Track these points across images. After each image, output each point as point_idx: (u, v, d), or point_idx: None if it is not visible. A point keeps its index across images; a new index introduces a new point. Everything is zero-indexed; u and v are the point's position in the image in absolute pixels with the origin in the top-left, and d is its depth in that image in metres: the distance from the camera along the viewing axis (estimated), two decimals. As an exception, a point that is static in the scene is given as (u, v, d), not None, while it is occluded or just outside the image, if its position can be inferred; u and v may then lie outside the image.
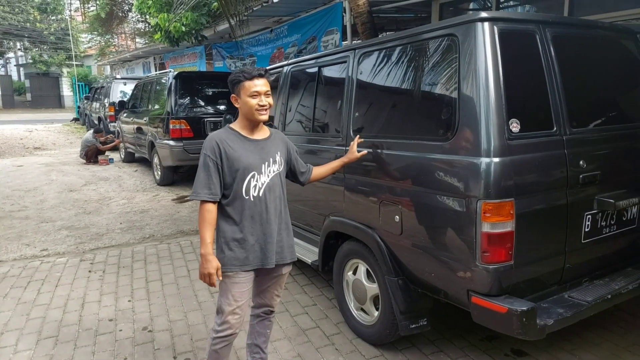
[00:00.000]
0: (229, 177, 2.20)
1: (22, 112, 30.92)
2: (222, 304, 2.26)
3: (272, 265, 2.27)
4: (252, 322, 2.51)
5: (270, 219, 2.26)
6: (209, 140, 2.22)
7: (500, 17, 2.27)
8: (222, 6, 7.04)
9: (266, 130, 2.37)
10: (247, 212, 2.22)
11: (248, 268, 2.24)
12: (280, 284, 2.44)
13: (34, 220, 6.10)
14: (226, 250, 2.22)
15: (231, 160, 2.19)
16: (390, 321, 2.75)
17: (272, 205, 2.27)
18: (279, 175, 2.32)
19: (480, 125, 2.12)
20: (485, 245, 2.08)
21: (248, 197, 2.21)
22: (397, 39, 2.73)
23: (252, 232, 2.23)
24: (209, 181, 2.16)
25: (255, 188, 2.23)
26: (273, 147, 2.33)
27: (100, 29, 22.10)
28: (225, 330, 2.26)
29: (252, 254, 2.23)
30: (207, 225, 2.16)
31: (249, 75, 2.20)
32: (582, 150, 2.35)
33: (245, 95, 2.20)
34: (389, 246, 2.66)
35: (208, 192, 2.16)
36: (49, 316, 3.48)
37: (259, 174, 2.24)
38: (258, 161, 2.24)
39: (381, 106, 2.86)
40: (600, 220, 2.44)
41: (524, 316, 2.00)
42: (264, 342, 2.52)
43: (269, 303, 2.46)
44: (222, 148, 2.18)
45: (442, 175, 2.28)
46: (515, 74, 2.24)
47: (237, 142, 2.23)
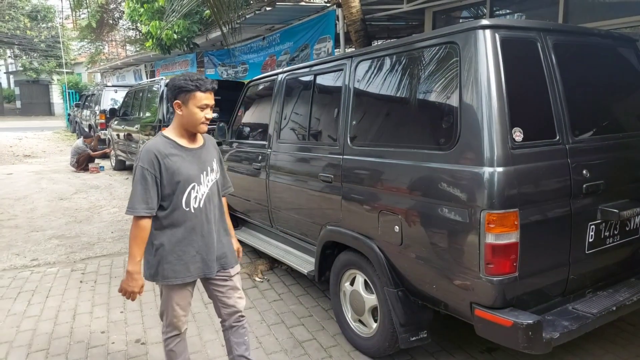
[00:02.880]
0: (168, 189, 2.14)
1: (12, 119, 30.59)
2: (165, 310, 2.29)
3: (213, 274, 2.28)
4: (227, 336, 2.47)
5: (211, 228, 2.25)
6: (146, 152, 2.12)
7: (502, 25, 2.25)
8: (214, 14, 7.00)
9: (201, 138, 2.33)
10: (188, 224, 2.18)
11: (189, 279, 2.23)
12: (236, 285, 2.42)
13: (24, 229, 5.97)
14: (166, 263, 2.18)
15: (170, 173, 2.12)
16: (389, 333, 2.69)
17: (212, 214, 2.27)
18: (216, 183, 2.32)
19: (483, 134, 2.09)
20: (489, 257, 2.04)
21: (188, 209, 2.18)
22: (396, 46, 2.70)
23: (193, 243, 2.20)
24: (147, 195, 2.08)
25: (196, 199, 2.20)
26: (209, 155, 2.31)
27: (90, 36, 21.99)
28: (172, 330, 2.32)
29: (193, 264, 2.22)
30: (139, 242, 2.11)
31: (203, 87, 2.14)
32: (585, 159, 2.32)
33: (194, 106, 2.14)
34: (389, 257, 2.61)
35: (145, 207, 2.09)
36: (39, 328, 3.38)
37: (199, 185, 2.21)
38: (197, 172, 2.21)
39: (379, 114, 2.82)
40: (604, 231, 2.41)
41: (530, 330, 1.96)
42: (246, 350, 2.47)
43: (235, 307, 2.41)
44: (161, 160, 2.11)
45: (443, 184, 2.24)
46: (517, 82, 2.21)
47: (175, 152, 2.17)
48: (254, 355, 2.95)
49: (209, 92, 2.17)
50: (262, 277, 4.29)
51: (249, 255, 4.88)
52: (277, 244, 4.19)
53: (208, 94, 2.17)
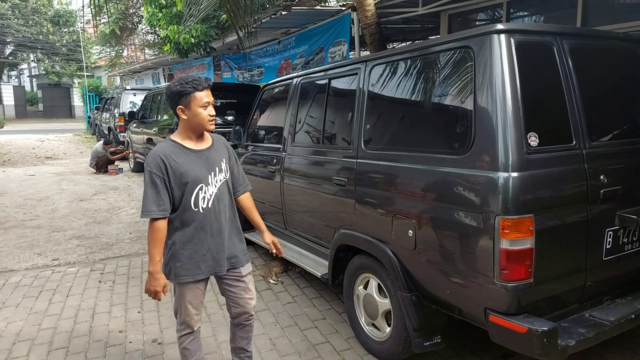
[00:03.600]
0: (177, 191, 2.20)
1: (35, 122, 31.29)
2: (179, 308, 2.35)
3: (224, 272, 2.34)
4: (234, 329, 2.57)
5: (221, 228, 2.30)
6: (152, 157, 2.19)
7: (517, 29, 2.23)
8: (230, 18, 7.07)
9: (209, 138, 2.37)
10: (197, 224, 2.24)
11: (200, 277, 2.30)
12: (247, 287, 2.46)
13: (45, 230, 6.11)
14: (178, 262, 2.26)
15: (178, 175, 2.18)
16: (402, 338, 2.69)
17: (222, 214, 2.31)
18: (226, 183, 2.36)
19: (498, 139, 2.08)
20: (504, 263, 2.02)
21: (197, 210, 2.24)
22: (410, 50, 2.70)
23: (203, 242, 2.26)
24: (158, 198, 2.15)
25: (204, 200, 2.25)
26: (217, 155, 2.34)
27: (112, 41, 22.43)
28: (186, 328, 2.37)
29: (204, 263, 2.29)
30: (157, 243, 2.17)
31: (200, 87, 2.19)
32: (602, 165, 2.29)
33: (197, 107, 2.19)
34: (402, 261, 2.61)
35: (158, 209, 2.15)
36: (60, 327, 3.46)
37: (207, 186, 2.26)
38: (204, 172, 2.25)
39: (393, 118, 2.82)
40: (622, 237, 2.37)
41: (545, 336, 1.94)
42: (247, 344, 2.59)
43: (245, 310, 2.48)
44: (167, 163, 2.17)
45: (457, 189, 2.24)
46: (533, 87, 2.20)
47: (182, 155, 2.22)
48: (267, 356, 3.01)
49: (206, 89, 2.22)
50: (277, 279, 4.31)
51: (263, 257, 4.92)
52: (291, 247, 4.22)
53: (206, 92, 2.21)
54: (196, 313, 2.36)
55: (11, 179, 9.95)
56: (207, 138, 2.36)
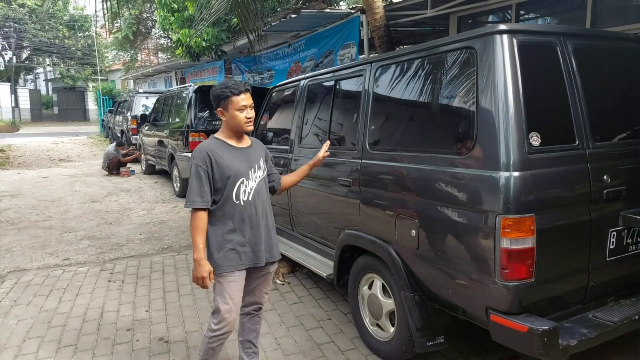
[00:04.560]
0: (219, 184, 2.33)
1: (50, 125, 31.79)
2: (219, 303, 2.37)
3: (263, 264, 2.42)
4: (242, 320, 2.64)
5: (259, 220, 2.41)
6: (198, 151, 2.34)
7: (520, 30, 2.24)
8: (241, 22, 7.15)
9: (248, 139, 2.52)
10: (239, 216, 2.36)
11: (242, 267, 2.38)
12: (268, 281, 2.59)
13: (57, 230, 6.22)
14: (221, 253, 2.35)
15: (222, 168, 2.32)
16: (406, 338, 2.69)
17: (261, 207, 2.43)
18: (264, 180, 2.49)
19: (499, 139, 2.08)
20: (504, 262, 2.03)
21: (239, 202, 2.36)
22: (414, 52, 2.71)
23: (244, 233, 2.37)
24: (202, 190, 2.28)
25: (245, 193, 2.37)
26: (256, 154, 2.49)
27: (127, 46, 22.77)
28: (223, 328, 2.38)
29: (245, 254, 2.38)
30: (199, 231, 2.29)
31: (237, 91, 2.33)
32: (606, 165, 2.29)
33: (234, 110, 2.34)
34: (405, 261, 2.62)
35: (201, 200, 2.28)
36: (69, 325, 3.52)
37: (247, 180, 2.39)
38: (246, 168, 2.39)
39: (397, 119, 2.84)
40: (626, 238, 2.36)
41: (545, 336, 1.93)
42: (255, 337, 2.66)
43: (258, 301, 2.61)
44: (212, 157, 2.31)
45: (459, 189, 2.24)
46: (535, 87, 2.20)
47: (225, 151, 2.37)
48: (272, 355, 3.03)
49: (244, 93, 2.35)
50: (283, 279, 4.34)
51: (271, 258, 4.94)
52: (298, 247, 4.24)
53: (244, 96, 2.35)
54: (236, 311, 2.40)
55: (25, 181, 10.14)
56: (247, 139, 2.51)
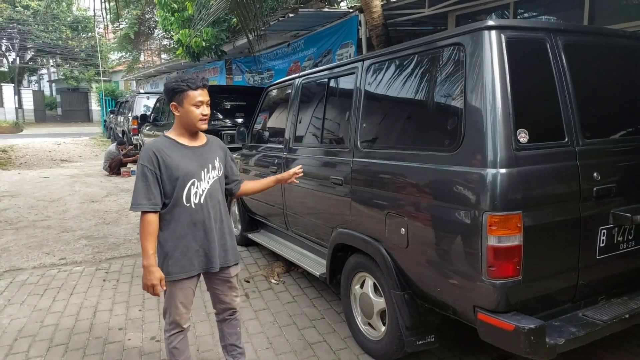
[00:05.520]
0: (168, 186, 2.20)
1: (53, 125, 31.92)
2: (169, 307, 2.32)
3: (216, 269, 2.33)
4: (220, 327, 2.59)
5: (212, 224, 2.30)
6: (145, 151, 2.20)
7: (508, 25, 2.22)
8: (240, 22, 7.15)
9: (203, 137, 2.39)
10: (190, 219, 2.24)
11: (193, 273, 2.30)
12: (233, 286, 2.49)
13: (55, 230, 6.23)
14: (170, 259, 2.24)
15: (170, 169, 2.18)
16: (397, 337, 2.67)
17: (214, 210, 2.31)
18: (218, 180, 2.36)
19: (487, 136, 2.06)
20: (491, 260, 2.01)
21: (189, 205, 2.23)
22: (404, 49, 2.70)
23: (196, 238, 2.26)
24: (149, 191, 2.15)
25: (196, 195, 2.25)
26: (211, 153, 2.35)
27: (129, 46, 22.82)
28: (175, 327, 2.35)
29: (197, 259, 2.29)
30: (149, 236, 2.16)
31: (194, 85, 2.19)
32: (596, 162, 2.26)
33: (189, 105, 2.20)
34: (395, 259, 2.60)
35: (148, 203, 2.15)
36: (61, 324, 3.52)
37: (199, 181, 2.26)
38: (197, 168, 2.26)
39: (388, 117, 2.82)
40: (617, 235, 2.33)
41: (531, 334, 1.91)
42: (237, 340, 2.59)
43: (229, 306, 2.52)
44: (160, 157, 2.17)
45: (447, 186, 2.23)
46: (524, 83, 2.18)
47: (175, 150, 2.23)
48: (263, 354, 3.02)
49: (201, 89, 2.22)
50: (278, 279, 4.33)
51: (267, 257, 4.94)
52: (292, 247, 4.24)
53: (200, 91, 2.21)
54: (186, 312, 2.35)
55: (26, 181, 10.17)
56: (202, 137, 2.38)
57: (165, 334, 2.38)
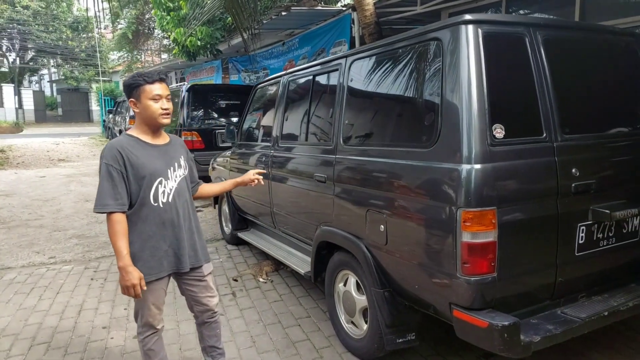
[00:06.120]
0: (134, 186, 2.13)
1: (53, 126, 31.96)
2: (140, 309, 2.27)
3: (187, 269, 2.28)
4: (200, 329, 2.54)
5: (181, 223, 2.24)
6: (109, 149, 2.12)
7: (486, 20, 2.20)
8: (235, 21, 7.14)
9: (165, 136, 2.34)
10: (158, 219, 2.18)
11: (163, 274, 2.24)
12: (208, 286, 2.43)
13: (47, 229, 6.22)
14: (139, 261, 2.15)
15: (136, 168, 2.11)
16: (378, 335, 2.65)
17: (182, 209, 2.26)
18: (185, 179, 2.32)
19: (462, 131, 2.04)
20: (465, 256, 1.98)
21: (157, 204, 2.17)
22: (386, 44, 2.67)
23: (164, 238, 2.20)
24: (115, 191, 2.07)
25: (164, 194, 2.19)
26: (176, 151, 2.31)
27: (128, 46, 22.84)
28: (149, 329, 2.30)
29: (166, 259, 2.23)
30: (120, 236, 2.07)
31: (149, 79, 2.14)
32: (575, 158, 2.23)
33: (147, 99, 2.13)
34: (375, 257, 2.58)
35: (115, 203, 2.07)
36: (45, 322, 3.50)
37: (166, 180, 2.21)
38: (164, 166, 2.20)
39: (369, 114, 2.80)
40: (597, 232, 2.30)
41: (505, 331, 1.89)
42: (217, 341, 2.54)
43: (207, 307, 2.45)
44: (125, 156, 2.10)
45: (424, 182, 2.21)
46: (501, 78, 2.15)
47: (140, 148, 2.16)
48: (245, 353, 3.00)
49: (158, 82, 2.15)
50: (266, 278, 4.31)
51: (257, 256, 4.92)
52: (280, 245, 4.22)
53: (157, 85, 2.14)
54: (158, 313, 2.29)
55: (22, 181, 10.17)
56: (164, 135, 2.32)
57: (139, 336, 2.32)
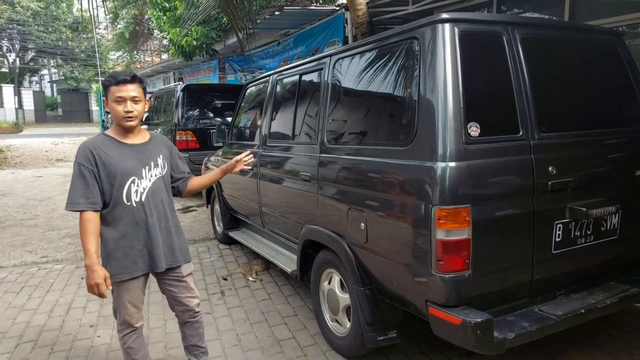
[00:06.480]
0: (107, 185, 2.13)
1: (53, 126, 32.03)
2: (118, 307, 2.28)
3: (162, 269, 2.27)
4: (182, 329, 2.55)
5: (155, 223, 2.23)
6: (81, 149, 2.13)
7: (463, 19, 2.20)
8: (230, 21, 7.16)
9: (145, 134, 2.31)
10: (131, 218, 2.17)
11: (138, 274, 2.23)
12: (189, 286, 2.43)
13: (41, 228, 6.24)
14: (114, 260, 2.17)
15: (108, 167, 2.12)
16: (360, 333, 2.66)
17: (156, 209, 2.24)
18: (162, 178, 2.29)
19: (437, 129, 2.05)
20: (440, 253, 1.99)
21: (130, 203, 2.17)
22: (367, 43, 2.69)
23: (138, 237, 2.20)
24: (86, 190, 2.08)
25: (137, 193, 2.18)
26: (154, 150, 2.28)
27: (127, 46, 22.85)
28: (127, 327, 2.31)
29: (141, 259, 2.22)
30: (89, 235, 2.08)
31: (114, 80, 2.10)
32: (552, 156, 2.24)
33: (111, 101, 2.12)
34: (357, 255, 2.59)
35: (86, 202, 2.08)
36: (33, 321, 3.51)
37: (140, 179, 2.19)
38: (137, 166, 2.19)
39: (351, 112, 2.81)
40: (574, 230, 2.31)
41: (478, 328, 1.89)
42: (199, 340, 2.55)
43: (187, 308, 2.46)
44: (97, 155, 2.10)
45: (401, 180, 2.22)
46: (477, 77, 2.17)
47: (113, 148, 2.16)
48: (230, 351, 3.01)
49: (122, 84, 2.10)
50: (256, 277, 4.32)
51: (248, 255, 4.93)
52: (269, 244, 4.23)
53: (122, 87, 2.10)
54: (136, 311, 2.30)
55: (18, 180, 10.20)
56: (144, 134, 2.31)
57: (119, 334, 2.34)
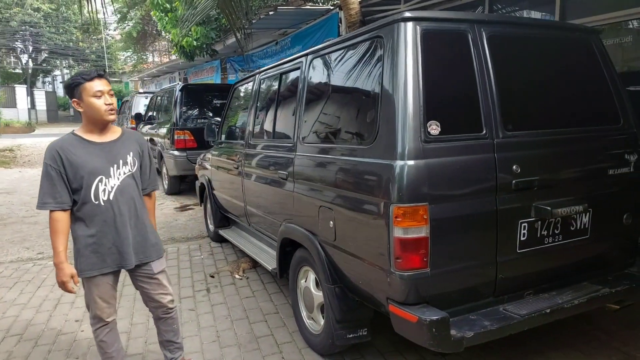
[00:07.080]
0: (75, 184, 2.17)
1: (65, 125, 32.38)
2: (89, 302, 2.34)
3: (131, 266, 2.31)
4: (157, 324, 2.58)
5: (124, 221, 2.27)
6: (49, 150, 2.18)
7: (426, 17, 2.21)
8: (228, 21, 7.21)
9: (116, 131, 2.33)
10: (100, 217, 2.21)
11: (106, 271, 2.27)
12: (161, 283, 2.46)
13: (41, 225, 6.34)
14: (82, 256, 2.24)
15: (75, 167, 2.15)
16: (332, 330, 2.67)
17: (126, 207, 2.28)
18: (132, 176, 2.31)
19: (397, 128, 2.06)
20: (398, 251, 2.00)
21: (98, 202, 2.20)
22: (338, 42, 2.70)
23: (107, 236, 2.24)
24: (54, 190, 2.14)
25: (105, 192, 2.22)
26: (123, 148, 2.30)
27: (135, 47, 23.13)
28: (99, 322, 2.36)
29: (110, 256, 2.26)
30: (57, 234, 2.16)
31: (88, 77, 2.16)
32: (517, 155, 2.23)
33: (89, 97, 2.16)
34: (327, 252, 2.61)
35: (54, 202, 2.14)
36: (21, 315, 3.59)
37: (107, 178, 2.22)
38: (105, 164, 2.22)
39: (322, 111, 2.82)
40: (541, 229, 2.30)
41: (433, 326, 1.90)
42: (174, 336, 2.59)
43: (160, 304, 2.49)
44: (64, 156, 2.15)
45: (364, 179, 2.23)
46: (440, 75, 2.17)
47: (80, 147, 2.20)
48: (208, 347, 3.04)
49: (97, 79, 2.18)
50: (243, 274, 4.35)
51: (237, 253, 4.96)
52: (254, 242, 4.26)
53: (97, 81, 2.17)
54: (107, 306, 2.34)
55: (25, 179, 10.37)
56: (114, 131, 2.33)
57: (92, 327, 2.40)
